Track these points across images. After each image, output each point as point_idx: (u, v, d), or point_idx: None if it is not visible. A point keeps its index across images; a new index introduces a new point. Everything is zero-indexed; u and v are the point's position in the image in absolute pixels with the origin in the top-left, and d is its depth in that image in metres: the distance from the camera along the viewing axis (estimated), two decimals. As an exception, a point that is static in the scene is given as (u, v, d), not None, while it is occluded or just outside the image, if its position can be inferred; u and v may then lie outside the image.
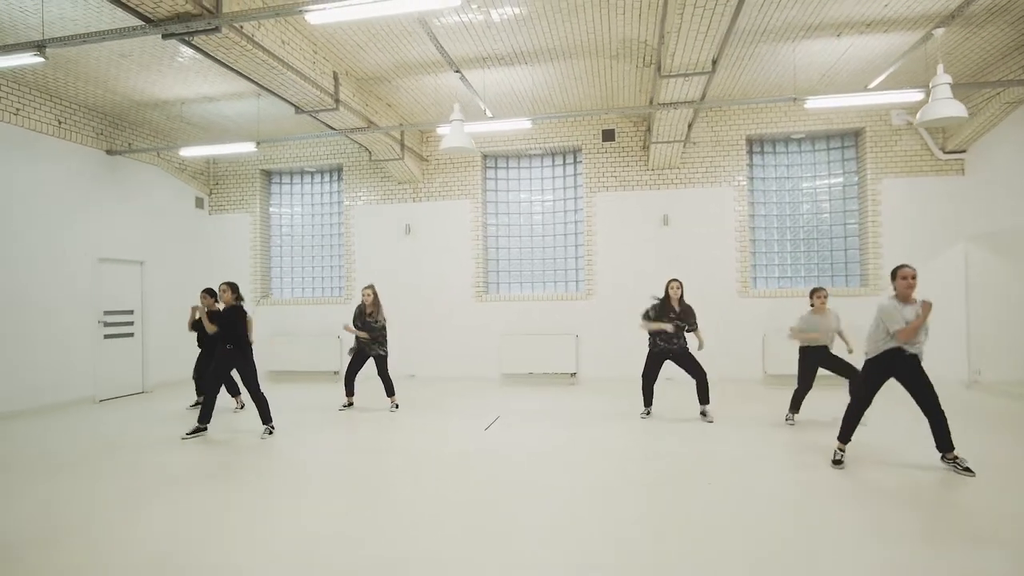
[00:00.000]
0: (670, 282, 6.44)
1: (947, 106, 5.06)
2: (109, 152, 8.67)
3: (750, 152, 9.19)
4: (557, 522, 3.60)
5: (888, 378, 4.41)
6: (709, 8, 4.83)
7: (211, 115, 8.84)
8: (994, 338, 8.08)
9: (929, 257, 8.44)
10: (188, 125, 9.25)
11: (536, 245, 10.00)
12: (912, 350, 4.30)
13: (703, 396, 6.34)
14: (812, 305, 5.88)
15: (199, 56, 6.58)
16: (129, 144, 9.03)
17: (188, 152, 8.36)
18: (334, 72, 7.02)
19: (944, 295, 8.33)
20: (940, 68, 5.19)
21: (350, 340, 9.68)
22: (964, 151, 8.32)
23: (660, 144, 8.34)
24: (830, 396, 6.91)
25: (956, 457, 4.29)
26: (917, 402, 4.36)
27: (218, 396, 6.05)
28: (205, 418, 5.91)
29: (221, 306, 6.14)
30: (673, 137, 8.14)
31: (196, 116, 8.88)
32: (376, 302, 7.15)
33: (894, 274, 4.37)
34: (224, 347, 5.90)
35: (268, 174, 10.93)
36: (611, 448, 5.31)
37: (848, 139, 9.05)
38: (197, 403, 7.48)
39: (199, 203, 10.55)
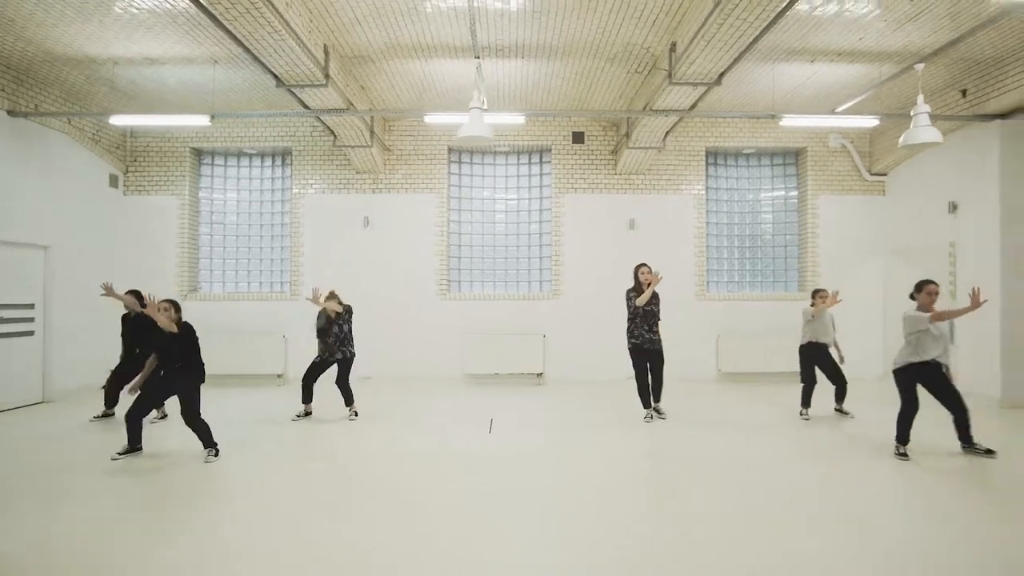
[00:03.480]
0: (639, 267, 6.33)
1: (926, 133, 5.71)
2: (11, 113, 7.21)
3: (707, 163, 9.73)
4: (550, 525, 3.54)
5: (917, 383, 4.90)
6: (748, 21, 5.04)
7: (146, 81, 7.67)
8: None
9: (855, 268, 9.48)
10: (112, 90, 7.95)
11: (500, 244, 9.83)
12: (941, 360, 4.80)
13: (658, 394, 6.49)
14: (813, 304, 6.38)
15: (166, 7, 5.69)
16: (36, 105, 7.58)
17: (120, 121, 7.18)
18: (324, 45, 6.40)
19: (866, 302, 9.42)
20: (920, 99, 5.84)
21: (296, 339, 8.95)
22: (886, 174, 9.46)
23: (635, 149, 8.58)
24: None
25: (975, 444, 4.91)
26: (943, 403, 4.89)
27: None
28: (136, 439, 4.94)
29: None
30: (650, 143, 8.40)
31: (126, 81, 7.67)
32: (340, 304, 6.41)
33: (919, 287, 4.94)
34: (172, 367, 4.85)
35: (198, 153, 9.72)
36: (599, 450, 5.34)
37: (790, 157, 9.92)
38: (105, 414, 6.50)
39: (113, 181, 9.11)
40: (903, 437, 4.94)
